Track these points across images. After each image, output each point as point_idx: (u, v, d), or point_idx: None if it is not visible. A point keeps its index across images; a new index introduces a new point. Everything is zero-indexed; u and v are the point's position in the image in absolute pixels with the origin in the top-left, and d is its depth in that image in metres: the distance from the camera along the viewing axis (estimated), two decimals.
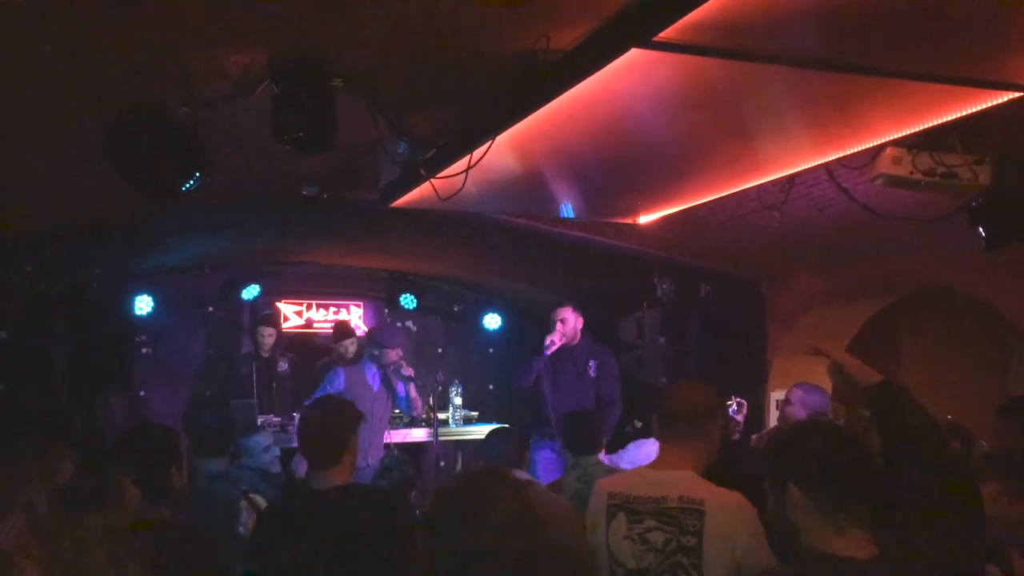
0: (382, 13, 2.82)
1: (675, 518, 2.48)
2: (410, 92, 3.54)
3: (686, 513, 2.46)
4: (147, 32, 2.90)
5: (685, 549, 2.43)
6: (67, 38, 2.89)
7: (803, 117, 3.66)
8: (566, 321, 6.14)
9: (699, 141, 3.98)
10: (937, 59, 2.90)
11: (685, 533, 2.44)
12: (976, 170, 3.52)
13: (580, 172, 4.52)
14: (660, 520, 2.50)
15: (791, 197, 4.74)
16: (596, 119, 3.59)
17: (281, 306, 8.71)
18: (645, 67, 2.95)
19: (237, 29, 2.93)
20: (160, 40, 2.97)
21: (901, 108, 3.33)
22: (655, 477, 2.61)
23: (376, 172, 4.64)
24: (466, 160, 3.65)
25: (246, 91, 3.25)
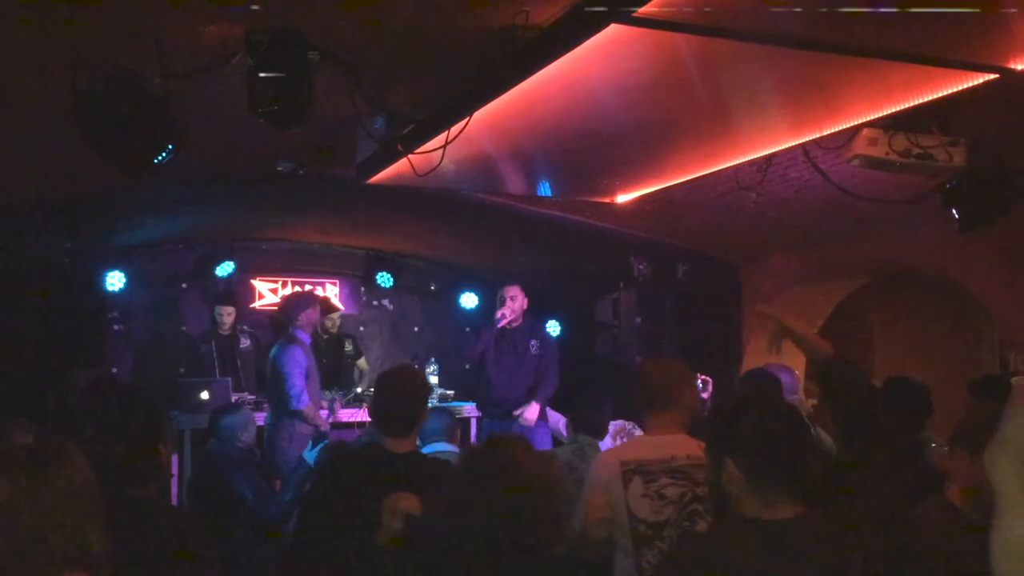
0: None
1: (687, 474, 2.82)
2: (388, 67, 3.50)
3: (696, 468, 2.75)
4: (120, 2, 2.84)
5: (700, 498, 2.77)
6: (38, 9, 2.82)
7: (781, 97, 3.66)
8: (515, 299, 6.23)
9: (677, 120, 3.98)
10: (914, 39, 2.91)
11: (698, 485, 2.76)
12: (951, 151, 3.54)
13: (558, 150, 4.51)
14: (673, 477, 2.84)
15: (768, 178, 4.75)
16: (574, 97, 3.58)
17: (256, 283, 8.64)
18: (624, 44, 2.94)
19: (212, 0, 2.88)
20: (133, 10, 2.91)
21: (878, 89, 3.34)
22: (658, 442, 2.94)
23: (353, 148, 4.60)
24: (443, 136, 3.62)
25: (221, 63, 3.19)
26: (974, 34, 2.88)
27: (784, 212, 5.42)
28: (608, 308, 7.26)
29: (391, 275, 8.76)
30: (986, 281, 5.14)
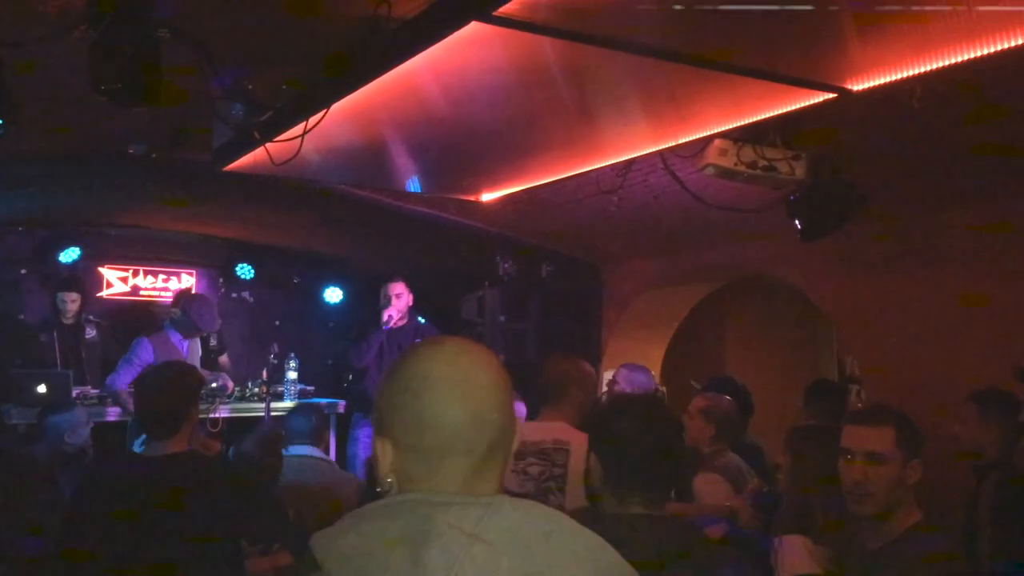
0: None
1: (548, 455, 3.19)
2: (246, 51, 3.38)
3: (557, 452, 3.17)
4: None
5: (554, 477, 3.15)
6: None
7: (640, 104, 3.77)
8: (401, 296, 6.05)
9: (541, 121, 4.03)
10: (763, 58, 3.05)
11: (555, 466, 3.16)
12: (793, 165, 3.74)
13: (422, 146, 4.48)
14: (537, 458, 3.20)
15: (628, 183, 4.88)
16: (439, 93, 3.56)
17: (104, 271, 8.18)
18: (488, 42, 2.94)
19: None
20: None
21: (729, 102, 3.49)
22: (537, 427, 3.28)
23: (209, 133, 4.42)
24: (302, 125, 3.52)
25: (60, 34, 2.99)
26: (816, 56, 3.04)
27: (644, 217, 5.59)
28: (473, 306, 7.29)
29: (252, 266, 8.48)
30: (824, 288, 5.45)
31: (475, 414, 1.21)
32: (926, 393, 4.39)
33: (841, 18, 2.69)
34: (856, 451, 2.25)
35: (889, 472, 2.20)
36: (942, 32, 2.71)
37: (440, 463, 1.20)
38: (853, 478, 2.24)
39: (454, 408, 1.20)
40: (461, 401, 1.21)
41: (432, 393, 1.21)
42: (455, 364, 1.24)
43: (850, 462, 2.25)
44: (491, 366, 1.26)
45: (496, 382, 1.25)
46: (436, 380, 1.22)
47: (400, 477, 1.23)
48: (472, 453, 1.21)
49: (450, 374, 1.22)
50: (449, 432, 1.20)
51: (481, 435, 1.21)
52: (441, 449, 1.20)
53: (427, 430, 1.20)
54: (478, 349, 1.28)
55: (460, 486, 1.20)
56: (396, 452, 1.22)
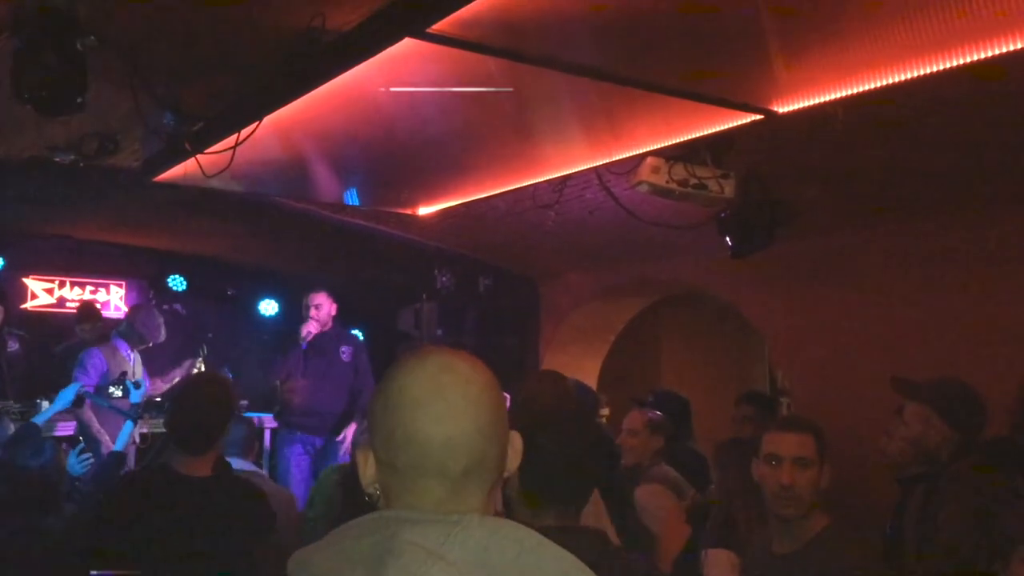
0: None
1: None
2: (176, 60, 3.32)
3: None
4: None
5: None
6: None
7: (575, 121, 3.82)
8: (320, 307, 5.97)
9: (476, 136, 4.05)
10: (691, 78, 3.12)
11: None
12: (723, 184, 3.82)
13: (358, 159, 4.46)
14: None
15: (564, 198, 4.93)
16: (374, 106, 3.56)
17: (28, 282, 7.93)
18: (423, 57, 2.95)
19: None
20: None
21: (659, 121, 3.56)
22: None
23: (139, 142, 4.33)
24: (234, 137, 3.48)
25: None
26: (743, 78, 3.13)
27: (580, 231, 5.65)
28: (410, 318, 7.27)
29: (184, 278, 8.31)
30: (754, 303, 5.58)
31: (448, 437, 1.15)
32: (853, 406, 4.52)
33: (767, 43, 2.78)
34: (784, 456, 2.39)
35: (812, 476, 2.36)
36: (861, 59, 2.82)
37: (415, 481, 1.17)
38: (782, 482, 2.36)
39: (427, 429, 1.15)
40: (435, 422, 1.15)
41: (406, 411, 1.17)
42: (434, 382, 1.18)
43: (777, 467, 2.38)
44: (475, 386, 1.19)
45: (478, 403, 1.18)
46: (412, 398, 1.17)
47: (382, 491, 1.20)
48: (445, 475, 1.16)
49: (427, 393, 1.17)
50: (420, 453, 1.15)
51: (455, 458, 1.15)
52: (414, 468, 1.16)
53: (400, 448, 1.17)
54: (466, 367, 1.21)
55: (436, 505, 1.16)
56: (377, 465, 1.20)
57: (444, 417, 1.16)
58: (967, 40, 2.60)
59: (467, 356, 1.23)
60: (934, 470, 3.13)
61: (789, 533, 2.36)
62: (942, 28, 2.54)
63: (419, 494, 1.17)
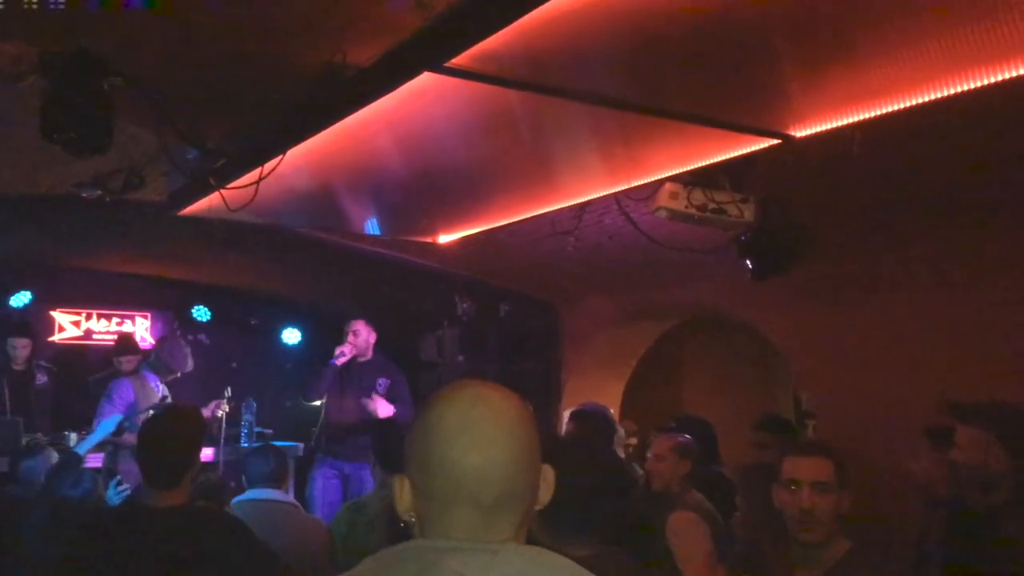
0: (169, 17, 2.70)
1: None
2: (199, 98, 3.40)
3: None
4: None
5: None
6: None
7: (593, 149, 3.85)
8: (358, 333, 5.98)
9: (496, 165, 4.09)
10: (709, 105, 3.15)
11: None
12: (742, 208, 3.83)
13: (379, 190, 4.52)
14: None
15: (583, 224, 4.96)
16: (395, 138, 3.61)
17: (56, 315, 8.05)
18: (443, 90, 3.00)
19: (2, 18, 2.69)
20: None
21: (678, 147, 3.58)
22: None
23: (164, 177, 4.41)
24: (257, 172, 3.54)
25: (11, 83, 2.99)
26: (760, 103, 3.15)
27: (599, 256, 5.66)
28: (432, 346, 7.29)
29: (208, 308, 8.40)
30: (777, 325, 5.55)
31: (480, 467, 1.17)
32: (879, 428, 4.48)
33: (783, 68, 2.80)
34: (802, 481, 2.38)
35: (832, 500, 2.35)
36: (878, 83, 2.83)
37: (448, 510, 1.19)
38: (802, 506, 2.36)
39: (460, 459, 1.18)
40: (468, 452, 1.18)
41: (441, 441, 1.20)
42: (469, 413, 1.21)
43: (796, 491, 2.38)
44: (508, 417, 1.22)
45: (510, 435, 1.21)
46: (446, 428, 1.20)
47: (417, 518, 1.23)
48: (478, 504, 1.18)
49: (461, 423, 1.20)
50: (454, 482, 1.18)
51: (487, 488, 1.18)
52: (448, 497, 1.19)
53: (433, 477, 1.19)
54: (500, 398, 1.23)
55: (469, 533, 1.18)
56: (413, 492, 1.22)
57: (477, 447, 1.19)
58: (982, 63, 2.61)
59: (501, 388, 1.26)
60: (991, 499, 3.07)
61: (811, 558, 2.35)
62: (957, 51, 2.55)
63: (453, 523, 1.19)
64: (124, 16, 2.71)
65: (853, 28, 2.55)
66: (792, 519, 2.37)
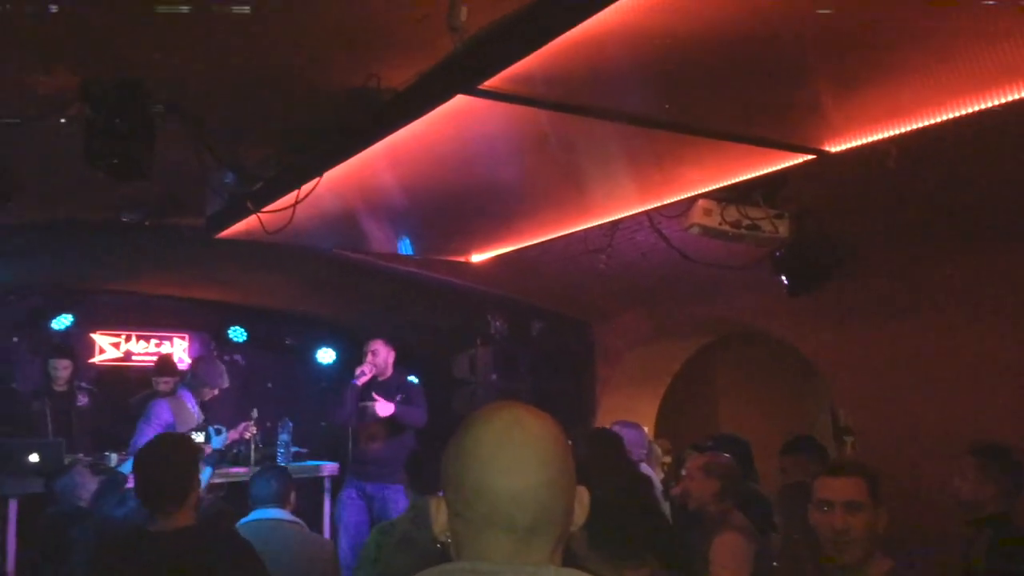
0: (207, 43, 2.76)
1: None
2: (238, 123, 3.46)
3: None
4: None
5: None
6: None
7: (625, 167, 3.85)
8: (377, 353, 6.00)
9: (529, 184, 4.11)
10: (742, 121, 3.14)
11: None
12: (776, 223, 3.81)
13: (412, 210, 4.55)
14: None
15: (616, 241, 4.95)
16: (428, 159, 3.64)
17: (96, 337, 8.18)
18: (476, 111, 3.02)
19: (45, 50, 2.77)
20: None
21: (711, 164, 3.57)
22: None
23: (202, 200, 4.49)
24: (294, 194, 3.59)
25: (56, 112, 3.07)
26: (794, 119, 3.14)
27: (632, 273, 5.65)
28: (465, 364, 7.30)
29: (244, 329, 8.50)
30: (814, 340, 5.49)
31: (515, 490, 1.18)
32: (921, 444, 4.41)
33: (817, 84, 2.79)
34: (835, 501, 2.36)
35: (866, 519, 2.33)
36: (913, 97, 2.81)
37: (484, 532, 1.19)
38: (835, 527, 2.33)
39: (495, 482, 1.18)
40: (502, 476, 1.18)
41: (476, 465, 1.20)
42: (503, 437, 1.21)
43: (829, 512, 2.36)
44: (543, 441, 1.22)
45: (545, 458, 1.21)
46: (482, 451, 1.20)
47: (453, 540, 1.23)
48: (513, 528, 1.18)
49: (496, 447, 1.20)
50: (489, 505, 1.18)
51: (522, 511, 1.18)
52: (483, 520, 1.19)
53: (469, 500, 1.20)
54: (534, 422, 1.23)
55: (505, 557, 1.18)
56: (449, 514, 1.23)
57: (512, 471, 1.19)
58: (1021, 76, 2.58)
59: (536, 411, 1.26)
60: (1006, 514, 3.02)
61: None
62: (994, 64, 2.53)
63: (488, 546, 1.19)
64: (164, 45, 2.78)
65: (888, 43, 2.54)
66: (827, 540, 2.35)
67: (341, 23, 2.66)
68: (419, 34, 2.70)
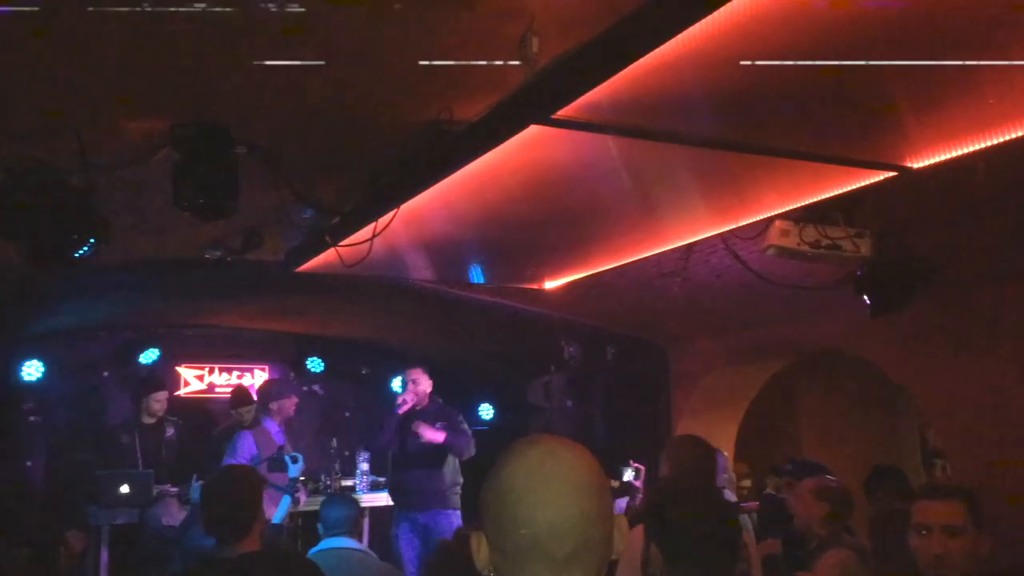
0: (286, 84, 2.84)
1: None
2: (315, 160, 3.55)
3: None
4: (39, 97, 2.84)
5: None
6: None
7: (698, 190, 3.81)
8: (417, 382, 5.99)
9: (601, 211, 4.10)
10: (819, 140, 3.08)
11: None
12: (857, 243, 3.72)
13: (486, 240, 4.59)
14: None
15: (690, 264, 4.90)
16: (501, 189, 3.67)
17: (181, 370, 8.44)
18: (547, 139, 3.04)
19: (136, 97, 2.89)
20: (54, 106, 2.91)
21: (787, 184, 3.51)
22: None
23: (281, 235, 4.60)
24: (371, 227, 3.65)
25: (145, 157, 3.20)
26: (873, 136, 3.06)
27: (707, 296, 5.57)
28: (540, 390, 7.30)
29: (322, 359, 8.65)
30: (901, 362, 5.32)
31: (552, 522, 1.20)
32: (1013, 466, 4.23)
33: (898, 100, 2.72)
34: (933, 525, 2.31)
35: (965, 543, 2.28)
36: (999, 110, 2.72)
37: (524, 565, 1.21)
38: (933, 552, 2.29)
39: (531, 515, 1.20)
40: (539, 508, 1.20)
41: (512, 498, 1.22)
42: (538, 469, 1.23)
43: (927, 536, 2.31)
44: (578, 472, 1.24)
45: (580, 489, 1.22)
46: (517, 485, 1.23)
47: (495, 573, 1.25)
48: (552, 559, 1.20)
49: (531, 480, 1.22)
50: (527, 538, 1.20)
51: (559, 542, 1.20)
52: (522, 553, 1.21)
53: (507, 533, 1.22)
54: (569, 454, 1.25)
55: None
56: (489, 548, 1.25)
57: (548, 503, 1.21)
58: None
59: (570, 443, 1.28)
60: None
61: None
62: None
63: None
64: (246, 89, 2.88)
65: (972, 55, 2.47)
66: (926, 565, 2.31)
67: (414, 62, 2.71)
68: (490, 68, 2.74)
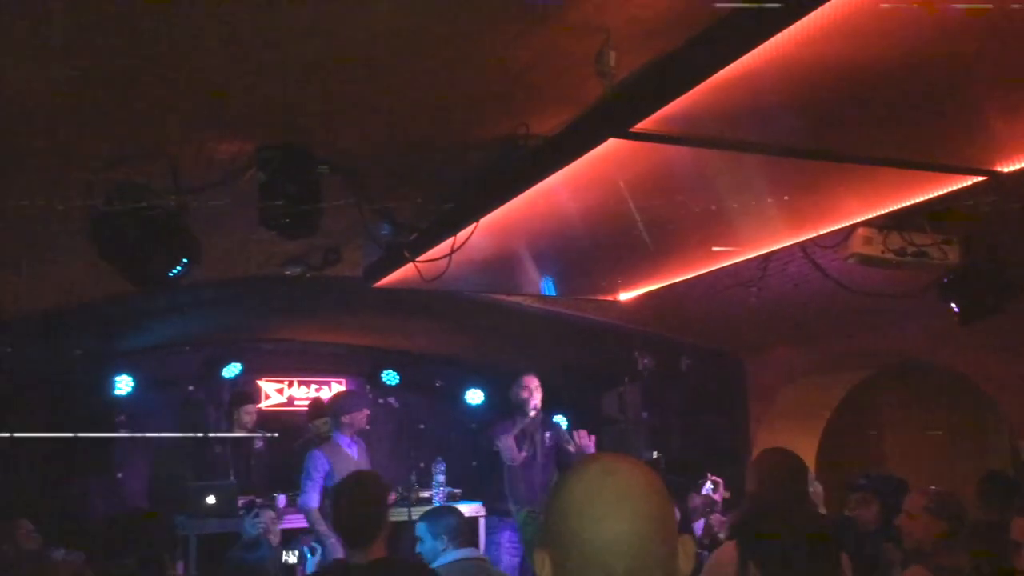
0: (368, 104, 2.92)
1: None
2: (394, 177, 3.62)
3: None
4: (137, 122, 2.97)
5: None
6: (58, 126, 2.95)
7: (776, 199, 3.75)
8: (539, 388, 5.99)
9: (677, 222, 4.07)
10: (902, 145, 3.01)
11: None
12: (945, 249, 3.62)
13: (561, 252, 4.60)
14: None
15: (768, 273, 4.83)
16: (577, 202, 3.67)
17: (262, 384, 8.65)
18: (623, 151, 3.04)
19: (226, 120, 3.01)
20: (149, 130, 3.04)
21: (869, 191, 3.44)
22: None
23: (360, 251, 4.70)
24: (449, 242, 3.70)
25: (233, 178, 3.31)
26: (960, 140, 2.98)
27: (785, 306, 5.48)
28: (614, 402, 7.24)
29: (396, 373, 8.77)
30: (991, 372, 5.15)
31: (608, 539, 1.21)
32: None
33: (986, 104, 2.65)
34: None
35: None
36: None
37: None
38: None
39: (589, 531, 1.22)
40: (596, 524, 1.21)
41: (571, 515, 1.24)
42: (596, 486, 1.24)
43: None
44: (636, 489, 1.25)
45: (637, 506, 1.23)
46: (575, 503, 1.24)
47: None
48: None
49: (589, 497, 1.24)
50: (585, 554, 1.21)
51: (617, 559, 1.20)
52: (581, 570, 1.22)
53: (567, 551, 1.23)
54: (628, 471, 1.26)
55: None
56: (552, 566, 1.26)
57: (604, 519, 1.22)
58: None
59: (630, 460, 1.30)
60: None
61: None
62: None
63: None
64: (328, 110, 2.96)
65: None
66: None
67: (491, 79, 2.75)
68: (567, 81, 2.76)
